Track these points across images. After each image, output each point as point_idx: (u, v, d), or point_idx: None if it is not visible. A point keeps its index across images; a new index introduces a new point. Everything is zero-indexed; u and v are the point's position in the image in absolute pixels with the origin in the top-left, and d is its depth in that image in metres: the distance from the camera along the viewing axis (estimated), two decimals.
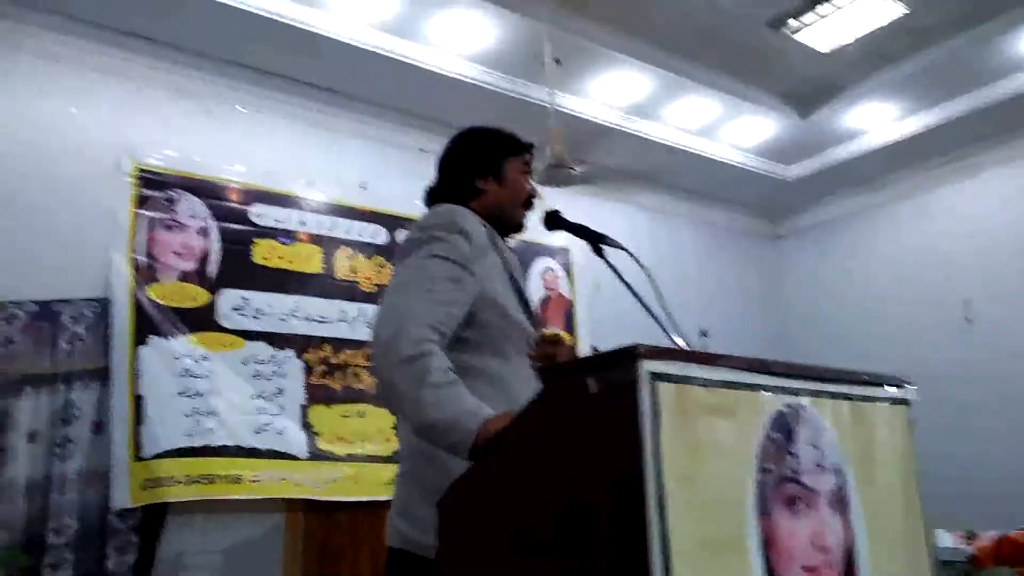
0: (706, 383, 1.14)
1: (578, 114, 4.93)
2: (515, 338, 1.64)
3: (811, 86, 5.13)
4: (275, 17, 3.95)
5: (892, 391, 1.43)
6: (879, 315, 6.00)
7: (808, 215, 6.66)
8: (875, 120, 5.43)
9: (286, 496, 3.78)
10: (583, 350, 5.07)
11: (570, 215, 1.92)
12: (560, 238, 5.02)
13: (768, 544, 1.13)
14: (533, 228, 1.92)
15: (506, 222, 1.84)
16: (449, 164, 1.88)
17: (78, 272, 3.66)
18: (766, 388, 1.22)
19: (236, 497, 3.66)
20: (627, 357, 1.09)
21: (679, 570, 1.00)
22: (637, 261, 1.83)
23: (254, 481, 3.70)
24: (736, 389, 1.18)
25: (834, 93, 5.18)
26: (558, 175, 4.22)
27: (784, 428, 1.22)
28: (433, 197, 1.87)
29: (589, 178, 5.17)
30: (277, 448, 3.85)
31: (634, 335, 1.73)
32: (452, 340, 1.52)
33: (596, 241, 1.87)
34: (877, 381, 1.42)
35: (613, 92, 4.93)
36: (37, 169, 3.69)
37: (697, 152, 5.58)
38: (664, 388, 1.08)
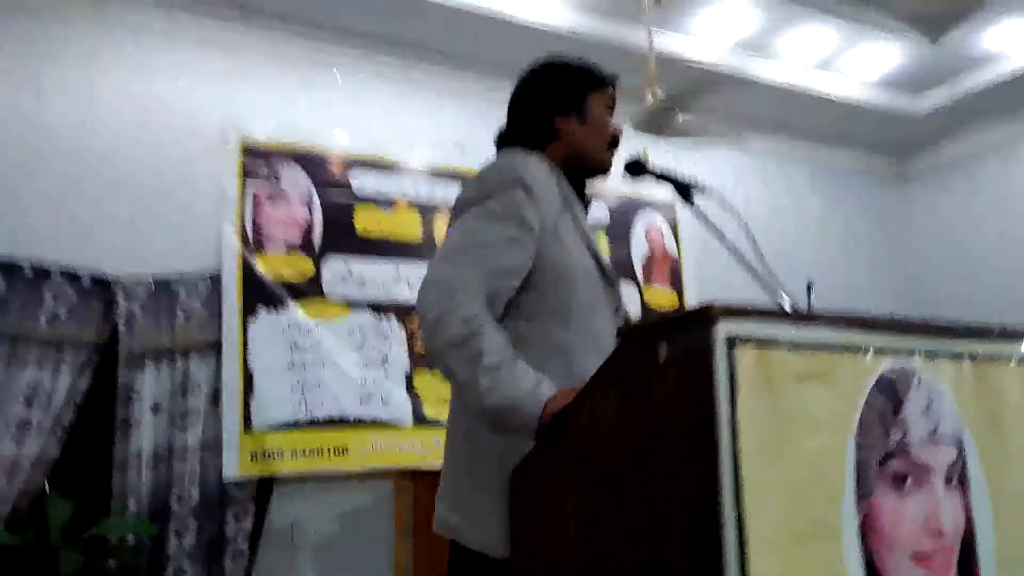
0: (796, 346, 1.00)
1: (681, 55, 4.65)
2: (584, 304, 1.49)
3: (942, 4, 4.62)
4: None
5: None
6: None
7: (939, 152, 6.06)
8: (1018, 39, 4.87)
9: (392, 465, 3.80)
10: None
11: (678, 164, 1.77)
12: (666, 192, 4.80)
13: (867, 530, 0.99)
14: (634, 181, 1.77)
15: (591, 166, 1.66)
16: (522, 103, 1.69)
17: (191, 246, 3.75)
18: (870, 349, 1.06)
19: (343, 469, 3.71)
20: (700, 319, 0.96)
21: (757, 563, 0.88)
22: (730, 208, 1.68)
23: (361, 451, 3.75)
24: (833, 352, 1.03)
25: (969, 10, 4.65)
26: (662, 122, 4.00)
27: (891, 394, 1.06)
28: (504, 142, 1.70)
29: (694, 123, 4.90)
30: (383, 417, 3.88)
31: (744, 294, 1.59)
32: (509, 305, 1.42)
33: (683, 188, 1.71)
34: (1010, 335, 1.22)
35: (718, 28, 4.63)
36: (146, 146, 3.78)
37: (813, 88, 5.18)
38: (744, 354, 0.95)
